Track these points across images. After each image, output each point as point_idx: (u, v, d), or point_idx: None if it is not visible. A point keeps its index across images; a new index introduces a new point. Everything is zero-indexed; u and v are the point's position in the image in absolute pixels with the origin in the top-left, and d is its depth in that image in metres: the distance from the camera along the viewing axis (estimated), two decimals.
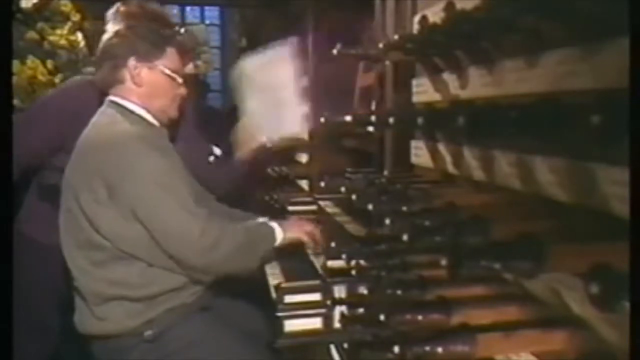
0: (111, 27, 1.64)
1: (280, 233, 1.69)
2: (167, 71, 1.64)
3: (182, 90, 1.71)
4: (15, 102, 2.36)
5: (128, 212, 1.50)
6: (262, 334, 1.67)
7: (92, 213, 1.52)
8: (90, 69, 2.24)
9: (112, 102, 1.63)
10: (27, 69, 2.37)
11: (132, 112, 1.62)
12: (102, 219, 1.51)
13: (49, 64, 2.43)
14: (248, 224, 1.73)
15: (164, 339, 1.56)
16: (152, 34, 1.64)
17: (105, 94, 1.67)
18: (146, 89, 1.63)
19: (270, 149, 2.12)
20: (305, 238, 1.76)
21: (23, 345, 1.75)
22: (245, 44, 5.17)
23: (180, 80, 1.69)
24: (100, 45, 1.66)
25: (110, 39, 1.63)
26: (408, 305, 0.70)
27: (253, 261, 1.67)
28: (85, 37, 2.52)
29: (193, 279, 1.60)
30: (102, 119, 1.63)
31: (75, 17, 2.52)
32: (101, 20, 1.71)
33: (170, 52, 1.66)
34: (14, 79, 2.34)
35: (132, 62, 1.60)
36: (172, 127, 1.83)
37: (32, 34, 2.44)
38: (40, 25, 2.47)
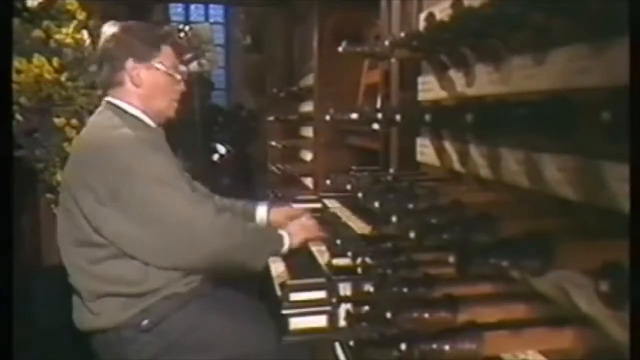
0: (108, 30, 1.67)
1: (287, 240, 1.71)
2: (165, 69, 1.65)
3: (181, 87, 1.72)
4: (22, 100, 2.37)
5: (135, 214, 1.51)
6: (262, 316, 1.68)
7: (92, 213, 1.52)
8: (94, 67, 2.24)
9: (110, 103, 1.65)
10: (34, 67, 2.37)
11: (129, 114, 1.63)
12: (104, 220, 1.52)
13: (55, 62, 2.43)
14: (258, 225, 1.79)
15: (162, 327, 1.56)
16: (147, 33, 1.66)
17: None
18: (145, 90, 1.64)
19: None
20: (310, 238, 1.77)
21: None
22: (250, 42, 5.18)
23: (178, 77, 1.70)
24: (99, 47, 1.69)
25: (108, 41, 1.65)
26: (414, 303, 0.70)
27: (259, 259, 1.68)
28: (90, 35, 2.52)
29: (197, 271, 1.61)
30: (99, 120, 1.64)
31: (81, 16, 2.52)
32: (107, 18, 1.72)
33: (166, 50, 1.67)
34: (21, 77, 2.34)
35: (130, 63, 1.62)
36: (175, 129, 1.83)
37: (38, 33, 2.44)
38: (46, 23, 2.47)
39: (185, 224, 1.53)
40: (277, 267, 1.80)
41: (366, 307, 0.92)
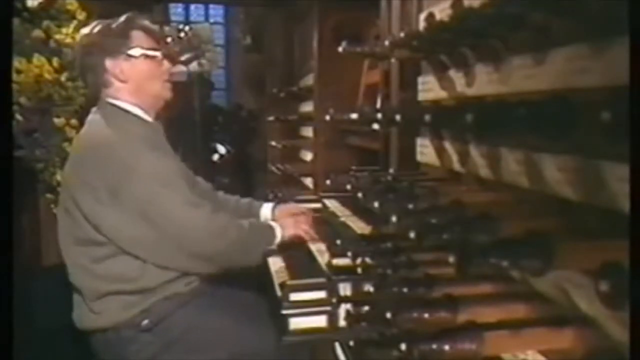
0: (79, 42, 1.71)
1: (279, 232, 1.74)
2: (142, 52, 1.63)
3: (166, 66, 1.71)
4: (22, 100, 2.37)
5: (133, 213, 1.51)
6: (262, 315, 1.69)
7: (91, 212, 1.53)
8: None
9: (105, 102, 1.65)
10: (34, 67, 2.37)
11: (125, 111, 1.64)
12: (103, 218, 1.53)
13: (55, 62, 2.43)
14: (251, 221, 1.79)
15: (161, 327, 1.57)
16: (112, 27, 1.65)
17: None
18: (133, 82, 1.63)
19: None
20: (302, 235, 1.79)
21: None
22: (250, 42, 5.18)
23: (159, 55, 1.68)
24: (76, 64, 1.71)
25: (81, 53, 1.67)
26: (414, 303, 0.70)
27: (255, 255, 1.70)
28: None
29: (194, 271, 1.62)
30: (96, 119, 1.64)
31: (81, 16, 2.52)
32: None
33: (136, 35, 1.65)
34: (21, 77, 2.34)
35: (109, 63, 1.62)
36: (175, 129, 1.83)
37: (38, 33, 2.44)
38: (46, 23, 2.47)
39: (180, 227, 1.55)
40: (275, 263, 1.80)
41: (366, 307, 0.92)
